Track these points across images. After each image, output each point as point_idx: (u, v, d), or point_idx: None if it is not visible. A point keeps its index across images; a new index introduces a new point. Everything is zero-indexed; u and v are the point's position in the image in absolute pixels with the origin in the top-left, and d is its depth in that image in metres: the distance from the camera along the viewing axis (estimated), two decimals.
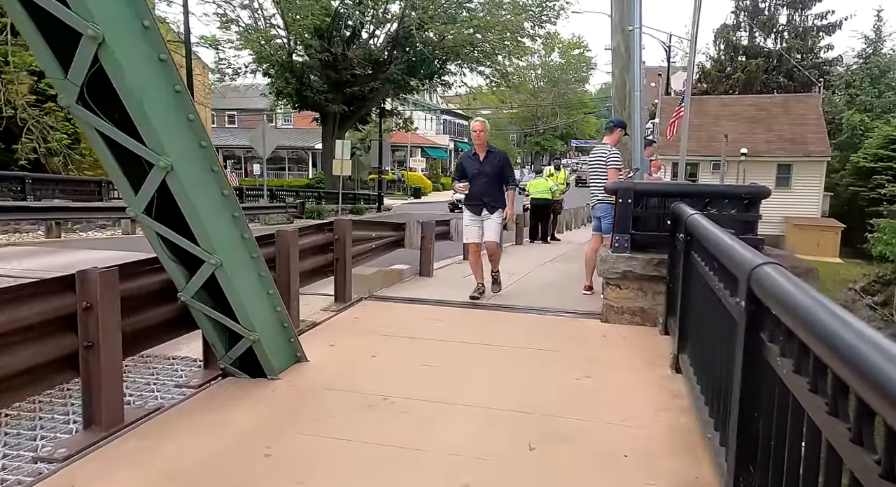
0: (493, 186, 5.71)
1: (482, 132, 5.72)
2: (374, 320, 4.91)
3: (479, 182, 5.65)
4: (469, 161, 5.79)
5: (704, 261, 3.19)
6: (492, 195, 5.69)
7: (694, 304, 3.60)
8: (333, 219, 5.18)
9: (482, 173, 5.64)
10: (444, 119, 60.96)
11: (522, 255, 9.99)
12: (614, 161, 5.63)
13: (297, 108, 25.88)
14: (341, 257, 5.20)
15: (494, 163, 5.69)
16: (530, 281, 6.97)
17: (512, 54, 25.91)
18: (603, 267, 4.93)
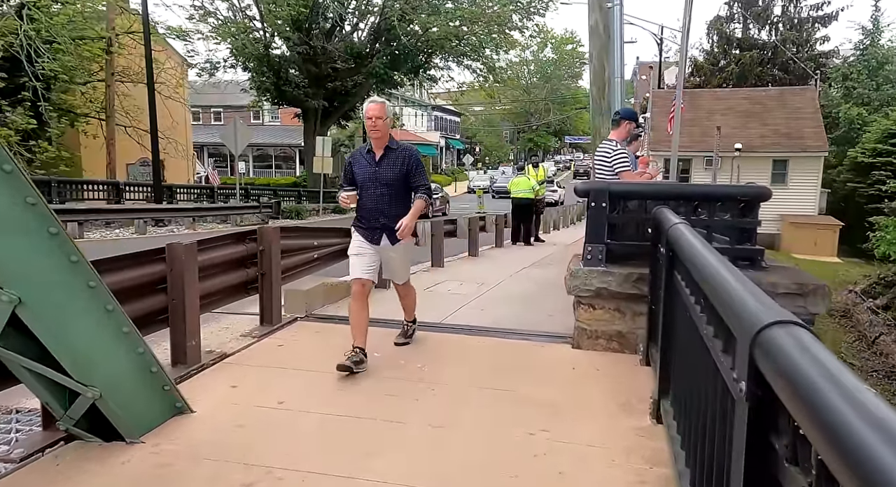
0: (396, 200, 3.76)
1: (379, 119, 3.63)
2: (302, 349, 4.12)
3: (374, 193, 3.73)
4: (361, 162, 3.79)
5: (690, 290, 2.41)
6: (393, 213, 3.72)
7: (679, 337, 2.81)
8: (257, 227, 4.38)
9: (378, 180, 3.72)
10: (436, 115, 60.05)
11: (498, 260, 9.22)
12: (621, 162, 4.65)
13: (277, 104, 25.01)
14: (267, 271, 4.41)
15: (397, 166, 3.72)
16: (499, 294, 6.19)
17: (499, 47, 25.09)
18: (573, 284, 4.15)
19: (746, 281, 1.55)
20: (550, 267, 8.43)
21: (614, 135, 4.91)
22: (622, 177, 4.67)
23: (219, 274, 4.07)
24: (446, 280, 6.95)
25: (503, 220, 11.60)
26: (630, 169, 4.72)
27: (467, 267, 8.28)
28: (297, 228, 5.11)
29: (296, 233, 4.92)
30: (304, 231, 5.12)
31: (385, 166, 3.73)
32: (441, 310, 5.26)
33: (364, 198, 3.77)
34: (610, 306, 4.16)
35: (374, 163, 3.74)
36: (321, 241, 5.46)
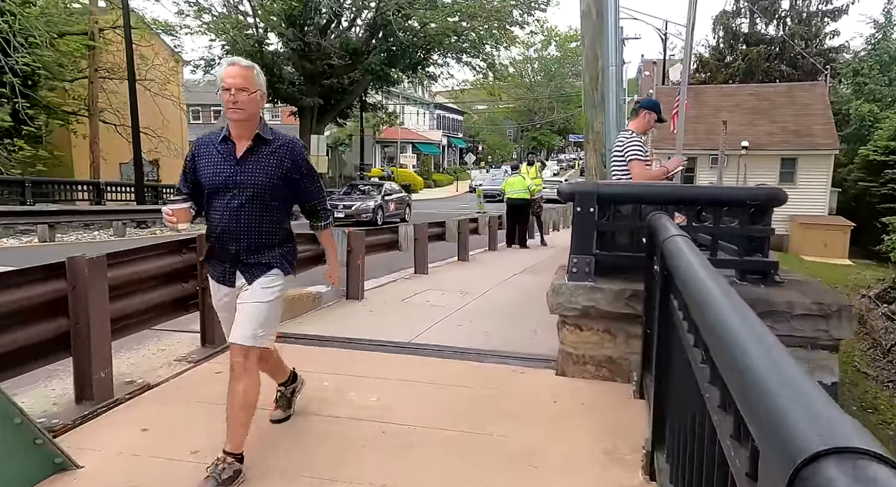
0: (262, 220, 2.41)
1: (242, 92, 2.29)
2: None
3: (228, 205, 2.37)
4: (211, 155, 2.42)
5: (688, 328, 1.85)
6: (253, 241, 2.41)
7: (676, 374, 2.24)
8: (198, 235, 3.84)
9: (237, 186, 2.36)
10: (438, 114, 59.47)
11: (489, 265, 8.65)
12: (634, 149, 4.11)
13: (271, 102, 24.47)
14: (208, 286, 3.85)
15: (271, 168, 2.39)
16: (482, 307, 5.62)
17: (499, 43, 24.48)
18: (556, 301, 3.59)
19: (777, 349, 0.98)
20: (542, 274, 7.85)
21: (633, 126, 4.33)
22: (632, 168, 4.09)
23: (147, 289, 3.52)
24: (427, 289, 6.39)
25: (497, 222, 11.02)
26: (642, 157, 4.14)
27: (453, 273, 7.72)
28: None
29: None
30: None
31: (251, 166, 2.35)
32: (413, 326, 4.70)
33: (212, 212, 2.39)
34: (599, 327, 3.59)
35: (233, 159, 2.35)
36: None
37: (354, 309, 5.35)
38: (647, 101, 4.47)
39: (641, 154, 4.13)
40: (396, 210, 19.05)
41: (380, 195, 18.51)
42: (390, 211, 18.53)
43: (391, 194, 19.30)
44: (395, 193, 19.85)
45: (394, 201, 19.07)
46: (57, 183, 12.48)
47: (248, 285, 2.44)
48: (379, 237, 6.72)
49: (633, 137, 4.17)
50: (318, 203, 2.63)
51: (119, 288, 3.19)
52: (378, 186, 19.94)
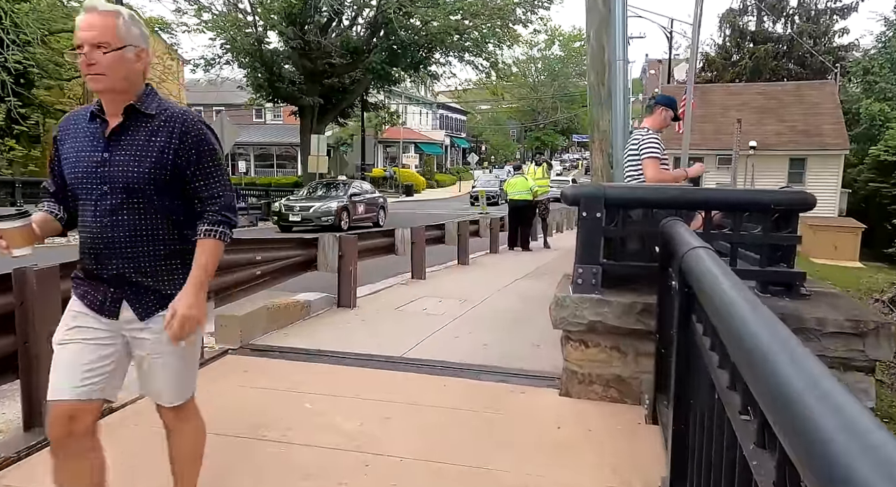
0: (151, 223, 1.72)
1: (98, 48, 1.59)
2: (211, 400, 3.26)
3: (100, 208, 1.69)
4: (77, 137, 1.73)
5: (719, 362, 1.54)
6: (145, 253, 1.71)
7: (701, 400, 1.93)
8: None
9: (107, 180, 1.68)
10: (441, 114, 59.20)
11: (490, 269, 8.33)
12: (650, 146, 3.83)
13: (271, 101, 24.24)
14: None
15: (153, 150, 1.69)
16: (481, 315, 5.30)
17: (502, 42, 24.16)
18: (559, 315, 3.27)
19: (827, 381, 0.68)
20: (545, 278, 7.53)
21: (648, 123, 4.03)
22: (646, 166, 3.78)
23: None
24: (424, 295, 6.08)
25: (498, 224, 10.71)
26: (657, 155, 3.83)
27: (452, 278, 7.40)
28: (237, 240, 4.25)
29: (232, 247, 4.07)
30: (240, 243, 4.28)
31: (123, 152, 1.68)
32: (407, 338, 4.39)
33: (81, 217, 1.74)
34: (607, 344, 3.28)
35: (101, 142, 1.69)
36: (268, 255, 4.60)
37: (345, 318, 5.04)
38: (663, 97, 4.15)
39: (658, 152, 3.81)
40: (367, 213, 16.83)
41: (346, 195, 16.26)
42: (359, 213, 16.34)
43: (361, 194, 17.01)
44: (367, 194, 17.53)
45: (364, 202, 16.82)
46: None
47: (141, 322, 1.71)
48: (373, 241, 6.42)
49: (649, 135, 3.86)
50: (212, 201, 1.76)
51: None
52: (345, 185, 17.64)
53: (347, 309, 5.30)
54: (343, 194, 16.39)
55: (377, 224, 16.73)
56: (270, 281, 4.74)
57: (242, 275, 4.28)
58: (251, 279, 4.42)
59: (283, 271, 4.88)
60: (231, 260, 4.14)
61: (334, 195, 16.39)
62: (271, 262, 4.67)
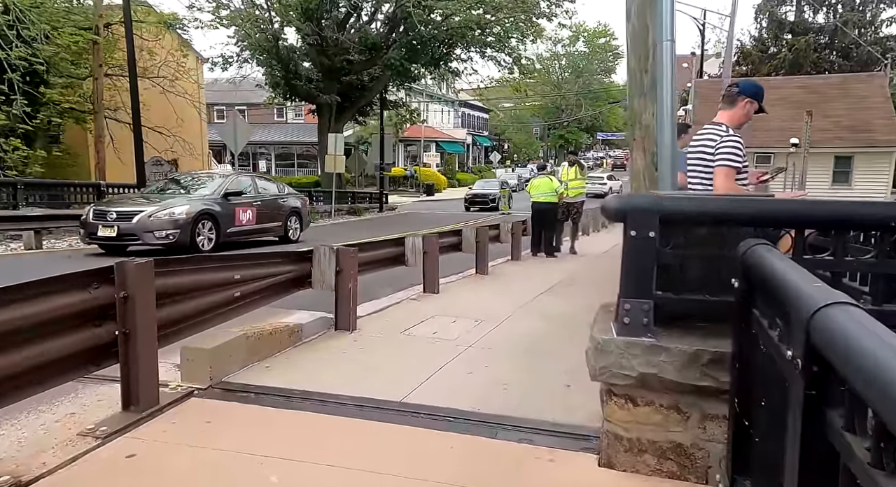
0: None
1: None
2: (166, 464, 2.59)
3: None
4: None
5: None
6: None
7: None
8: (116, 264, 2.88)
9: None
10: (463, 112, 58.42)
11: (510, 281, 7.57)
12: (729, 151, 3.11)
13: (289, 99, 23.79)
14: (133, 330, 2.90)
15: None
16: (499, 341, 4.55)
17: (525, 36, 23.32)
18: (600, 364, 2.52)
19: None
20: (572, 292, 6.75)
21: (725, 118, 3.27)
22: (718, 177, 3.03)
23: (34, 341, 2.57)
24: (435, 314, 5.36)
25: (520, 228, 9.94)
26: (736, 163, 3.07)
27: (469, 291, 6.67)
28: (198, 258, 3.57)
29: (195, 267, 3.40)
30: (212, 261, 3.61)
31: None
32: (410, 374, 3.68)
33: None
34: (662, 402, 2.51)
35: None
36: (250, 273, 3.93)
37: (341, 345, 4.35)
38: (748, 85, 3.36)
39: (738, 159, 3.05)
40: (264, 222, 10.98)
41: (216, 194, 10.18)
42: (243, 223, 10.52)
43: (245, 193, 10.76)
44: (263, 195, 11.23)
45: (256, 206, 10.78)
46: (54, 185, 11.81)
47: None
48: (378, 252, 5.72)
49: (729, 135, 3.09)
50: None
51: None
52: (221, 179, 11.03)
53: (345, 333, 4.61)
54: (211, 193, 10.20)
55: (287, 238, 11.47)
56: (255, 302, 4.07)
57: (215, 299, 3.61)
58: (228, 302, 3.75)
59: (270, 291, 4.21)
60: (201, 281, 3.48)
61: (193, 195, 10.24)
62: (255, 281, 4.00)
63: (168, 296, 3.16)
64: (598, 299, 6.17)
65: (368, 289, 6.05)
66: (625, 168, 74.61)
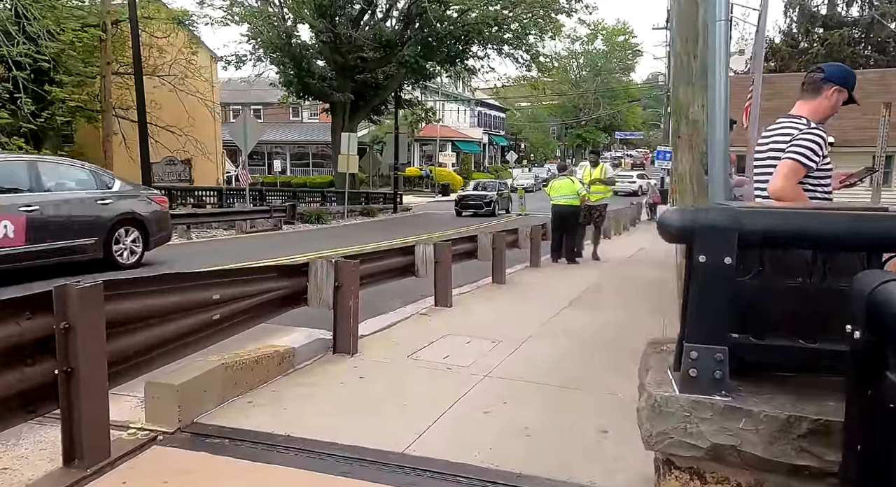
0: None
1: None
2: None
3: None
4: None
5: None
6: None
7: None
8: (54, 288, 2.37)
9: None
10: (479, 111, 57.77)
11: (530, 292, 6.96)
12: (802, 146, 2.55)
13: (302, 98, 23.39)
14: (77, 367, 2.38)
15: None
16: (520, 368, 3.96)
17: (544, 32, 22.66)
18: (658, 429, 1.93)
19: None
20: (598, 302, 6.13)
21: (804, 111, 2.68)
22: (779, 170, 2.44)
23: None
24: (448, 333, 4.80)
25: (539, 233, 9.32)
26: (808, 160, 2.47)
27: (484, 305, 6.08)
28: (165, 277, 3.03)
29: (160, 288, 2.87)
30: (184, 280, 3.08)
31: None
32: (417, 414, 3.12)
33: None
34: (741, 481, 1.92)
35: None
36: (231, 291, 3.40)
37: (339, 373, 3.80)
38: (836, 70, 2.74)
39: (813, 158, 2.44)
40: (47, 241, 6.99)
41: None
42: None
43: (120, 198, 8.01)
44: (55, 194, 7.29)
45: (22, 215, 6.71)
46: None
47: None
48: (383, 262, 5.15)
49: (810, 130, 2.49)
50: None
51: None
52: None
53: (345, 357, 4.06)
54: None
55: (112, 263, 7.72)
56: (239, 324, 3.54)
57: (189, 324, 3.09)
58: (205, 326, 3.22)
59: (258, 310, 3.68)
60: (168, 305, 2.95)
61: None
62: (239, 300, 3.47)
63: (123, 325, 2.63)
64: (627, 314, 5.52)
65: (374, 302, 5.51)
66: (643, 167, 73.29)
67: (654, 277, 8.41)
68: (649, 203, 27.31)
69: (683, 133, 3.63)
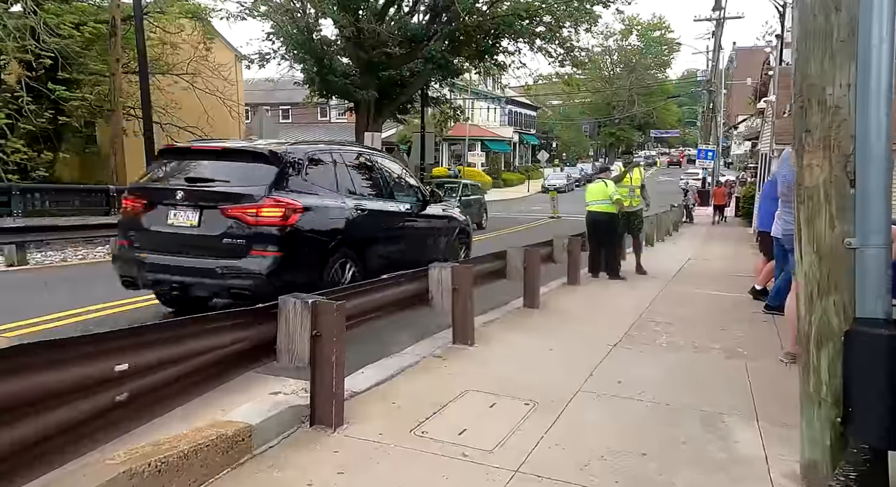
0: None
1: None
2: None
3: None
4: None
5: None
6: None
7: None
8: None
9: None
10: (510, 109, 56.41)
11: (570, 319, 5.77)
12: None
13: (325, 96, 22.53)
14: None
15: None
16: (562, 461, 2.81)
17: (579, 24, 21.29)
18: None
19: None
20: (660, 334, 4.92)
21: None
22: None
23: None
24: (467, 388, 3.69)
25: (578, 244, 8.13)
26: None
27: (514, 341, 4.93)
28: (25, 348, 2.01)
29: (16, 365, 1.86)
30: (64, 348, 2.06)
31: None
32: None
33: None
34: None
35: None
36: (147, 357, 2.37)
37: (313, 464, 2.74)
38: None
39: None
40: None
41: None
42: None
43: None
44: None
45: None
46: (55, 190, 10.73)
47: None
48: (384, 294, 4.05)
49: None
50: None
51: None
52: None
53: (325, 434, 3.00)
54: None
55: None
56: (165, 401, 2.51)
57: (72, 414, 2.06)
58: (102, 412, 2.19)
59: (197, 377, 2.64)
60: (34, 389, 1.93)
61: None
62: (163, 367, 2.44)
63: None
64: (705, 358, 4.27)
65: (375, 336, 4.46)
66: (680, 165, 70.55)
67: (722, 299, 7.14)
68: (688, 204, 25.66)
69: (816, 125, 2.45)
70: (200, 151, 5.31)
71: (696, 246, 15.12)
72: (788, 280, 6.04)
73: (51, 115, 12.20)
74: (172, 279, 4.81)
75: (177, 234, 4.79)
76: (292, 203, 4.75)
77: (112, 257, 5.52)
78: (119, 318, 5.65)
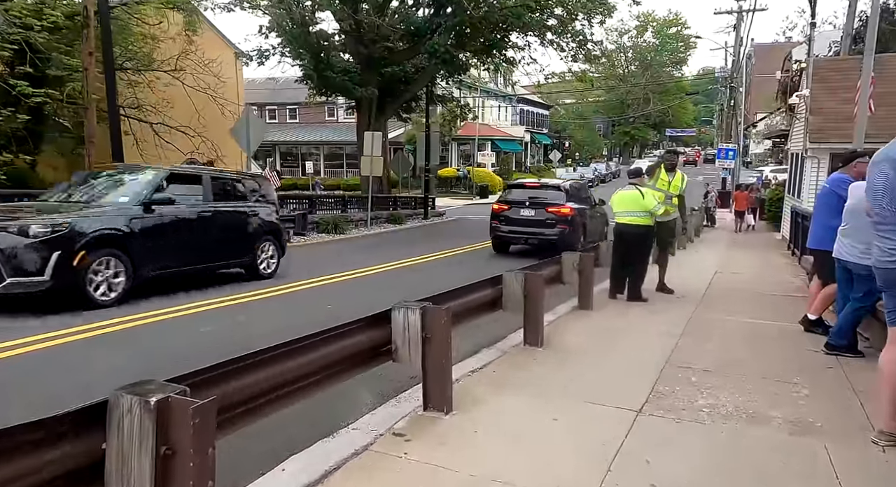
0: None
1: None
2: None
3: None
4: None
5: None
6: None
7: None
8: None
9: None
10: (521, 108, 55.05)
11: (581, 365, 4.55)
12: None
13: (323, 94, 21.49)
14: None
15: None
16: None
17: (592, 16, 20.00)
18: None
19: None
20: (700, 390, 3.68)
21: None
22: None
23: None
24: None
25: (590, 262, 6.90)
26: None
27: (506, 407, 3.74)
28: None
29: None
30: None
31: None
32: None
33: None
34: None
35: None
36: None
37: None
38: None
39: None
40: None
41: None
42: None
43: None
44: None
45: None
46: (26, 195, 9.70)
47: None
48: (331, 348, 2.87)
49: None
50: None
51: None
52: None
53: None
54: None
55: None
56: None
57: None
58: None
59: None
60: None
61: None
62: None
63: None
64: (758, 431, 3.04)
65: (325, 400, 3.32)
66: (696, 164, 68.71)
67: (765, 330, 5.89)
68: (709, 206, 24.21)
69: None
70: None
71: (721, 254, 13.81)
72: (858, 314, 4.79)
73: (9, 114, 11.25)
74: None
75: None
76: None
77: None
78: None
